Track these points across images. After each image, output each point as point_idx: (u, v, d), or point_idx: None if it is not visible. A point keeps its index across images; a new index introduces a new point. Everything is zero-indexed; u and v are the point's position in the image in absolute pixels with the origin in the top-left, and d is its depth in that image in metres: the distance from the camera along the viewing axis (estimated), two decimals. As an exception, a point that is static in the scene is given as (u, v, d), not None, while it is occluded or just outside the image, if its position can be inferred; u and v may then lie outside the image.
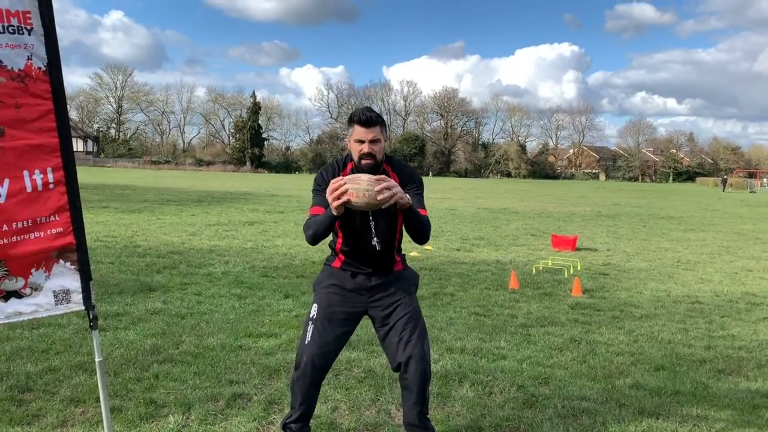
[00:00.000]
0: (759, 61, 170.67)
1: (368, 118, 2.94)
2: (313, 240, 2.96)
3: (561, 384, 4.34)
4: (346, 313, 3.10)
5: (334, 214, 2.79)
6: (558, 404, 3.94)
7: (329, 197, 2.75)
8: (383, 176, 2.76)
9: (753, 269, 10.20)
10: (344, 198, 2.70)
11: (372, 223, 3.03)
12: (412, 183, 3.10)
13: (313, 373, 3.03)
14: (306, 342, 3.05)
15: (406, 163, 3.28)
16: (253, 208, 18.81)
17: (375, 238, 3.01)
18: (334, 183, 2.74)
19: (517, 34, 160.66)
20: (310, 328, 3.07)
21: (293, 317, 5.87)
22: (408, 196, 2.85)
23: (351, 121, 2.99)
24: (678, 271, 9.78)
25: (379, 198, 2.68)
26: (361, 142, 2.95)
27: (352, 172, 3.03)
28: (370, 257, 3.08)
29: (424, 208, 3.09)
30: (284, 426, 3.19)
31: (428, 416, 3.17)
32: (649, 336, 5.73)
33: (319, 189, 3.06)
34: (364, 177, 2.71)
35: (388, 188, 2.68)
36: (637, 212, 23.38)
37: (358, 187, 2.67)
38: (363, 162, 2.97)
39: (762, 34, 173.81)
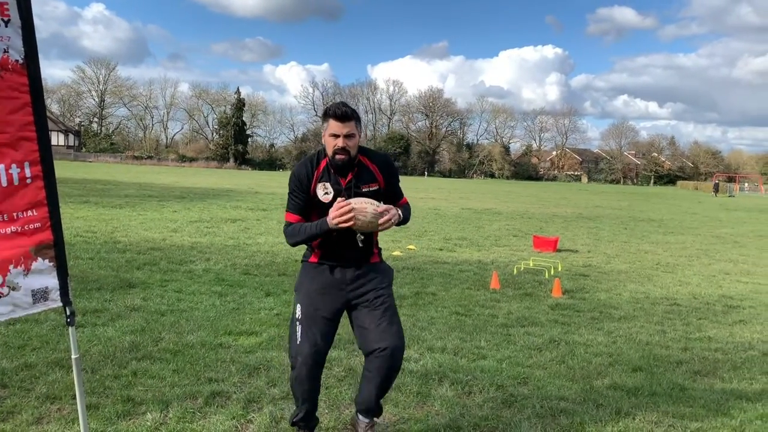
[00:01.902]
0: (738, 67, 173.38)
1: (343, 113, 2.96)
2: (295, 245, 3.11)
3: (540, 384, 4.37)
4: (329, 310, 3.13)
5: (332, 228, 2.93)
6: (536, 404, 3.97)
7: (333, 218, 2.88)
8: (388, 206, 2.93)
9: (730, 272, 10.34)
10: (350, 223, 2.86)
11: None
12: (392, 175, 3.19)
13: (308, 372, 3.07)
14: (297, 343, 3.08)
15: (380, 152, 3.30)
16: (236, 206, 18.71)
17: (360, 236, 3.08)
18: (340, 208, 2.86)
19: (501, 36, 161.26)
20: (299, 328, 3.09)
21: (274, 315, 5.85)
22: (400, 212, 3.03)
23: (326, 115, 3.01)
24: (657, 273, 9.89)
25: (380, 228, 2.94)
26: (336, 136, 2.98)
27: (326, 168, 3.06)
28: (348, 251, 3.11)
29: (403, 196, 3.27)
30: (293, 423, 3.29)
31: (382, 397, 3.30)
32: (628, 337, 5.79)
33: (295, 193, 3.09)
34: (370, 209, 2.86)
35: (389, 219, 2.90)
36: (618, 215, 23.60)
37: (364, 219, 2.87)
38: (337, 157, 2.99)
39: (741, 40, 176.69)
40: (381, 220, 2.88)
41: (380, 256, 3.28)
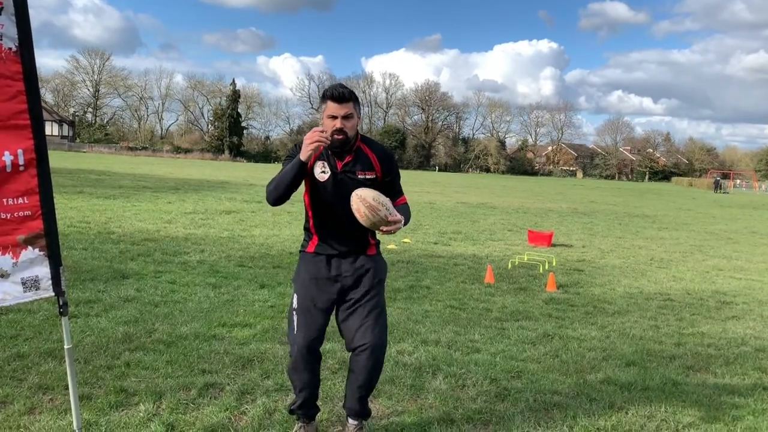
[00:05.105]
0: (731, 64, 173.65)
1: (341, 94, 2.95)
2: (275, 198, 3.00)
3: (533, 378, 4.38)
4: (324, 301, 3.14)
5: (302, 159, 2.87)
6: (530, 398, 3.98)
7: (306, 142, 2.83)
8: (399, 219, 2.87)
9: (724, 268, 10.38)
10: (320, 146, 2.83)
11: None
12: (390, 168, 3.16)
13: (304, 362, 3.09)
14: (294, 332, 3.11)
15: (380, 143, 3.28)
16: (231, 197, 18.67)
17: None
18: (316, 134, 2.83)
19: (496, 29, 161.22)
20: (295, 317, 3.13)
21: (268, 307, 5.84)
22: (404, 220, 2.96)
23: (324, 97, 3.00)
24: (651, 268, 9.92)
25: (376, 230, 2.92)
26: (334, 117, 2.96)
27: (326, 149, 3.05)
28: (343, 235, 3.10)
29: (403, 194, 3.21)
30: (290, 411, 3.30)
31: (368, 399, 3.28)
32: (621, 332, 5.80)
33: (289, 160, 3.06)
34: (382, 212, 2.82)
35: (390, 230, 2.86)
36: (613, 210, 23.66)
37: (370, 216, 2.82)
38: (335, 137, 2.97)
39: (734, 36, 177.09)
40: (382, 228, 2.86)
41: (378, 248, 3.27)
